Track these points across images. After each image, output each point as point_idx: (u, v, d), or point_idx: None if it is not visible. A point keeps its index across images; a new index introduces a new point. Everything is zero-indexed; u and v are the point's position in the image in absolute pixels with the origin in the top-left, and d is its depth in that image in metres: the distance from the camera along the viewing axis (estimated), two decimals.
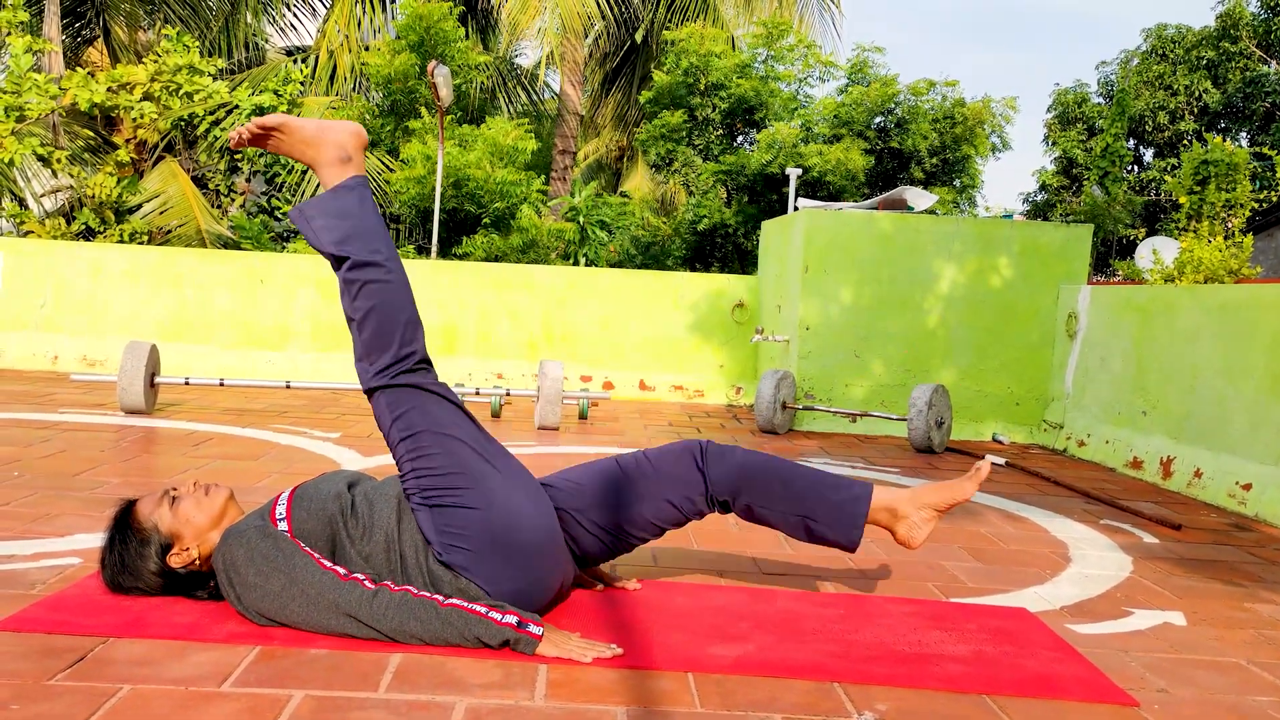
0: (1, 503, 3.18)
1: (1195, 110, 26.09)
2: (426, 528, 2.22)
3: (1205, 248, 8.24)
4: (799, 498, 2.45)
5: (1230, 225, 11.96)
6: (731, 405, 7.32)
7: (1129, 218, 20.38)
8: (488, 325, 7.49)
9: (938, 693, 2.05)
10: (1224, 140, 12.33)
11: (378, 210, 2.39)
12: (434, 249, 8.68)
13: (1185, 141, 25.31)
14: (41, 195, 10.98)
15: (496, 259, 9.99)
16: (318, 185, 10.98)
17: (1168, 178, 22.97)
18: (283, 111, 9.96)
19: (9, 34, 9.52)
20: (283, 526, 2.21)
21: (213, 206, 10.67)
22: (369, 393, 2.32)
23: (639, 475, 2.41)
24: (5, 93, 9.06)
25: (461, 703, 1.87)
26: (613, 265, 11.99)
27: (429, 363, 2.37)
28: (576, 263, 11.06)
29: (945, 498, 2.52)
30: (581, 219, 11.24)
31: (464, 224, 10.62)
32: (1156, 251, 9.55)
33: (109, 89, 9.43)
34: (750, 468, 2.45)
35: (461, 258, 10.06)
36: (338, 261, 2.31)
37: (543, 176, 11.86)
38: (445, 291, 7.47)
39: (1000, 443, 5.98)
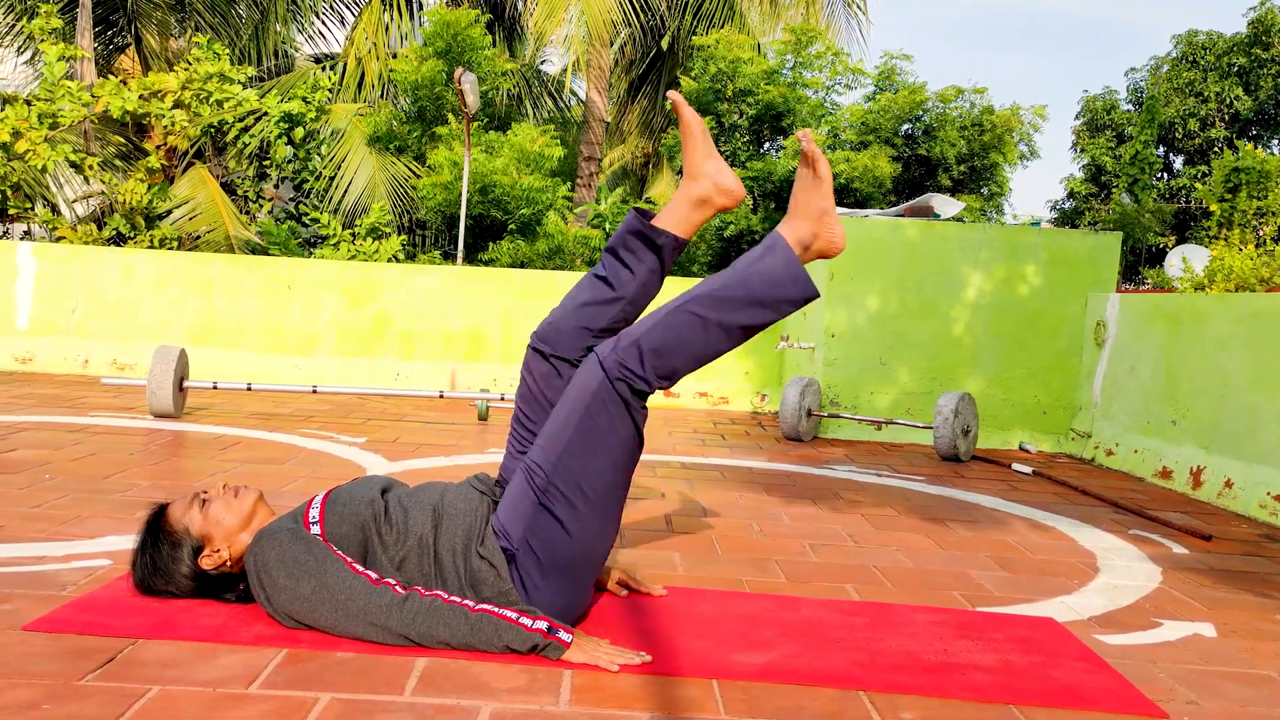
0: (33, 505, 3.22)
1: (1226, 117, 25.87)
2: (516, 518, 2.22)
3: (1236, 256, 8.15)
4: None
5: (1262, 233, 11.84)
6: (756, 412, 7.31)
7: (1158, 225, 20.23)
8: (513, 331, 7.52)
9: (964, 702, 2.04)
10: (1255, 147, 12.21)
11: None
12: (460, 255, 8.72)
13: (1216, 148, 25.08)
14: (73, 201, 11.10)
15: (522, 265, 10.02)
16: (346, 190, 11.05)
17: (1198, 185, 22.77)
18: (310, 118, 10.05)
19: (42, 42, 9.64)
20: (315, 530, 2.22)
21: (241, 213, 10.75)
22: (603, 378, 2.23)
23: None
24: (39, 100, 9.17)
25: (487, 707, 1.87)
26: None
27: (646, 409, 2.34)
28: None
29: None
30: (607, 225, 11.25)
31: (490, 230, 10.66)
32: (1186, 259, 9.46)
33: (141, 96, 9.53)
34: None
35: (487, 264, 10.10)
36: (777, 310, 2.30)
37: (568, 183, 11.88)
38: (471, 297, 7.49)
39: (1027, 451, 5.94)
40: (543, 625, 2.10)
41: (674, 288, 7.61)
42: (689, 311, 2.26)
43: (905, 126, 12.62)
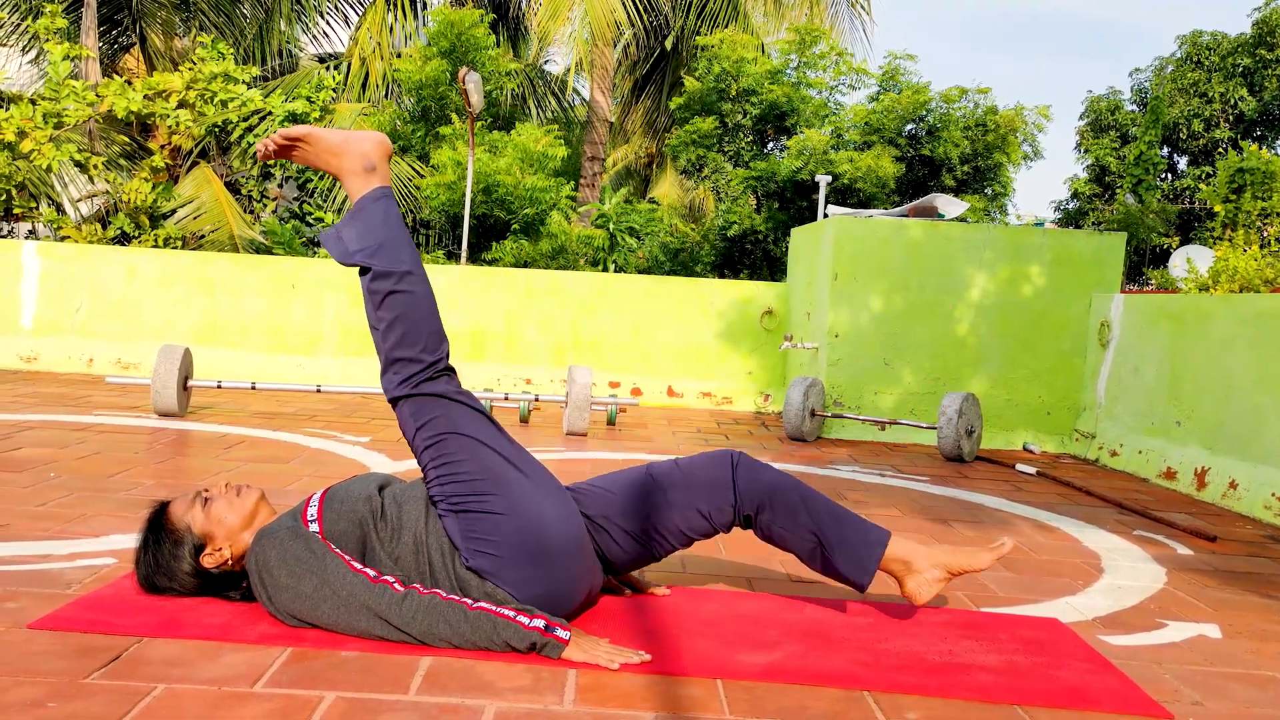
0: (38, 503, 3.23)
1: (1231, 118, 25.83)
2: (453, 533, 2.23)
3: (1240, 256, 8.15)
4: (821, 525, 2.44)
5: (1266, 234, 11.83)
6: (760, 412, 7.31)
7: (1163, 226, 20.20)
8: (516, 331, 7.52)
9: (969, 703, 2.04)
10: (1260, 148, 12.19)
11: (403, 221, 2.39)
12: (464, 254, 8.72)
13: (1220, 149, 25.05)
14: (78, 200, 11.12)
15: (525, 265, 10.03)
16: None
17: (1202, 186, 22.75)
18: (315, 118, 10.06)
19: (47, 41, 9.65)
20: (314, 528, 2.22)
21: (245, 212, 10.77)
22: (393, 402, 2.33)
23: (669, 483, 2.42)
24: (44, 99, 9.19)
25: (491, 706, 1.87)
26: (641, 272, 12.00)
27: (452, 371, 2.38)
28: (605, 269, 11.07)
29: (961, 563, 2.50)
30: (610, 225, 11.25)
31: (493, 230, 10.67)
32: (1191, 260, 9.46)
33: (145, 96, 9.54)
34: (780, 486, 2.45)
35: (491, 263, 10.11)
36: (362, 271, 2.32)
37: (572, 183, 11.88)
38: (474, 297, 7.50)
39: (1031, 452, 5.94)
40: (539, 624, 2.10)
41: (676, 286, 7.61)
42: (375, 307, 2.32)
43: (909, 127, 12.60)
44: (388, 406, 6.37)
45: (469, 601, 2.13)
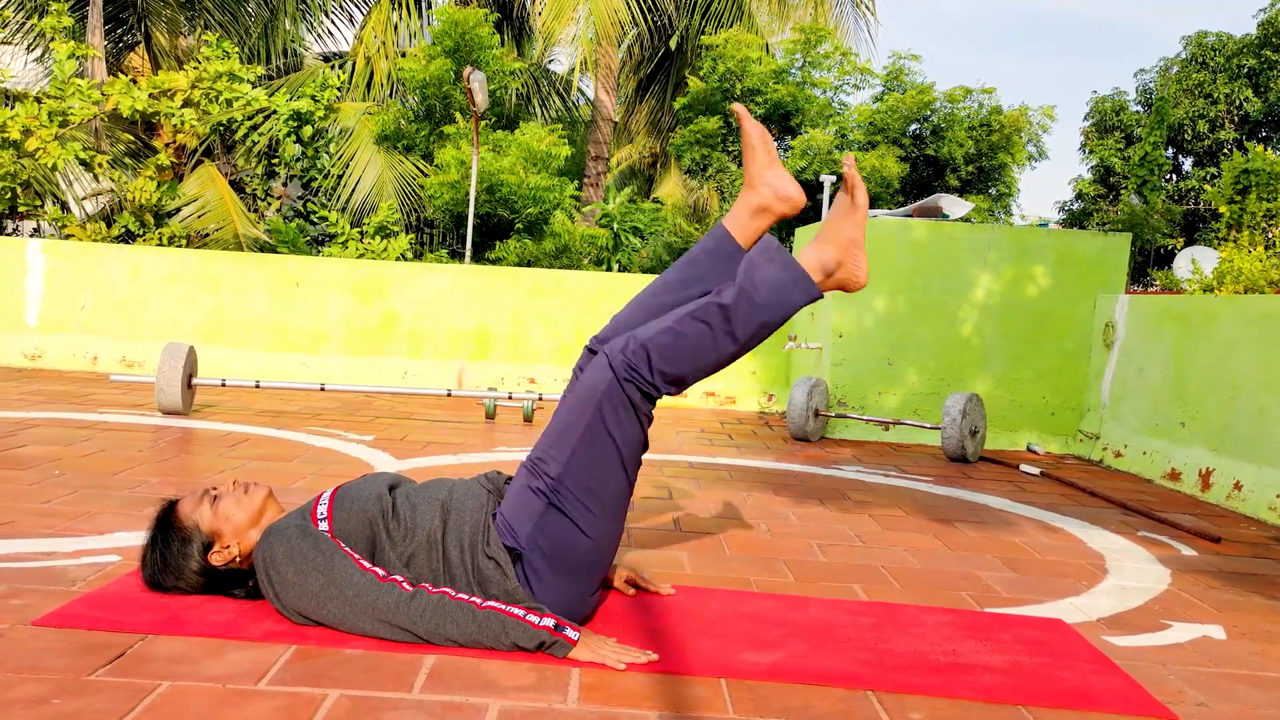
0: (43, 501, 3.23)
1: (1236, 119, 25.79)
2: (524, 513, 2.23)
3: (1245, 258, 8.13)
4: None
5: (1271, 235, 11.81)
6: (764, 412, 7.30)
7: (1167, 227, 20.17)
8: (521, 330, 7.52)
9: (973, 703, 2.04)
10: (1265, 149, 12.17)
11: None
12: (468, 253, 8.73)
13: (1225, 150, 25.01)
14: (83, 199, 11.14)
15: (529, 264, 10.03)
16: (355, 188, 11.07)
17: (1207, 187, 22.72)
18: (319, 117, 10.07)
19: (53, 40, 9.66)
20: (323, 526, 2.23)
21: (250, 211, 10.78)
22: (613, 370, 2.25)
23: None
24: (49, 97, 9.20)
25: (495, 705, 1.87)
26: (645, 271, 11.99)
27: (652, 417, 2.36)
28: (609, 268, 11.07)
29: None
30: (615, 225, 11.25)
31: (497, 229, 10.67)
32: (1195, 261, 9.44)
33: (150, 95, 9.55)
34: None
35: (494, 262, 10.11)
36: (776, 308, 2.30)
37: (576, 182, 11.89)
38: (479, 296, 7.50)
39: (1035, 453, 5.93)
40: (549, 623, 2.10)
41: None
42: (697, 319, 2.27)
43: (913, 127, 12.60)
44: (391, 405, 6.38)
45: (478, 601, 2.13)
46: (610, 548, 2.31)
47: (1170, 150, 26.61)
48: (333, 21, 15.98)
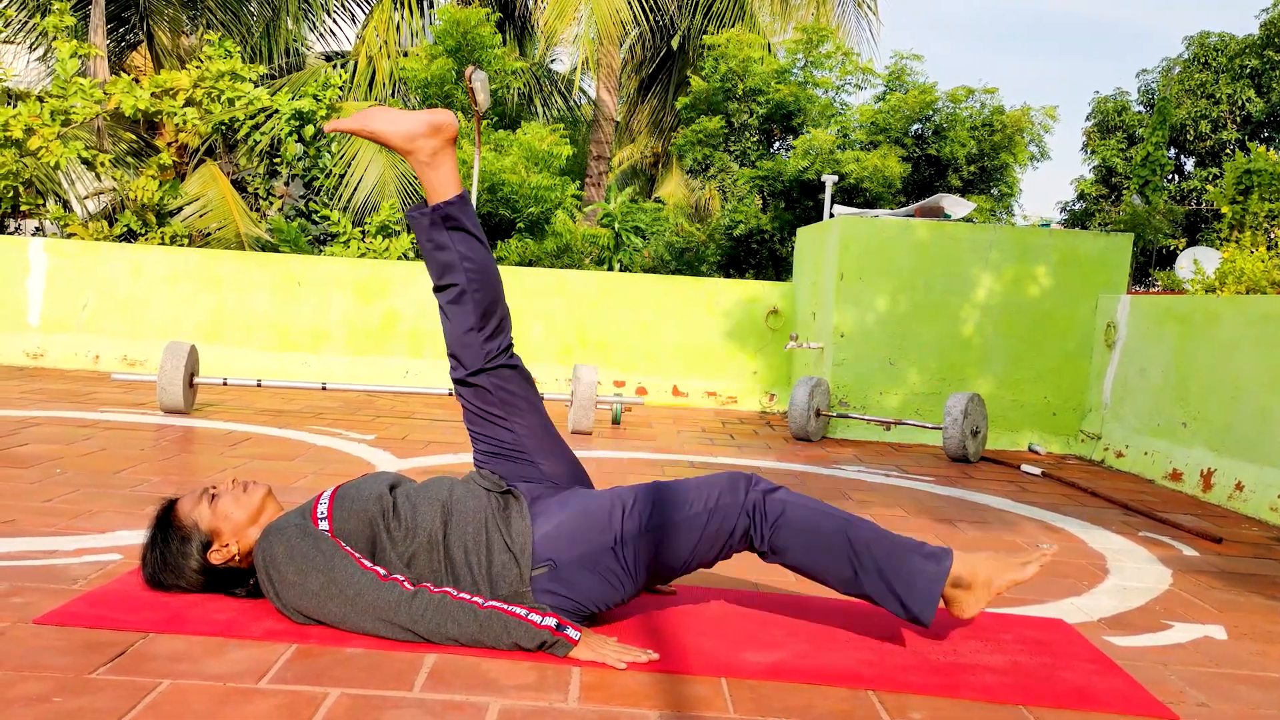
0: (44, 499, 3.23)
1: (1238, 119, 25.77)
2: (576, 543, 2.23)
3: (1248, 258, 8.13)
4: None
5: (1273, 235, 11.80)
6: (765, 412, 7.30)
7: (1169, 227, 20.15)
8: (522, 329, 7.52)
9: (974, 703, 2.04)
10: (1267, 149, 12.16)
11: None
12: None
13: (1228, 151, 24.99)
14: (85, 198, 11.14)
15: (530, 263, 10.03)
16: (357, 187, 11.08)
17: (1209, 187, 22.69)
18: (322, 116, 10.06)
19: (55, 39, 9.67)
20: (324, 526, 2.22)
21: (251, 210, 10.78)
22: (742, 508, 2.26)
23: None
24: (51, 96, 9.20)
25: (495, 704, 1.87)
26: (647, 271, 12.00)
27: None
28: (611, 268, 11.07)
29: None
30: (616, 224, 11.25)
31: (499, 228, 10.67)
32: (1198, 262, 9.43)
33: (152, 94, 9.55)
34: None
35: (496, 262, 10.09)
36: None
37: (577, 182, 11.89)
38: None
39: (1036, 453, 5.93)
40: (551, 622, 2.10)
41: (681, 286, 7.60)
42: (841, 533, 2.26)
43: (915, 126, 12.59)
44: (392, 404, 6.39)
45: (479, 601, 2.13)
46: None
47: (1172, 151, 26.59)
48: (335, 21, 16.00)
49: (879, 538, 2.29)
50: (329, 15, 15.68)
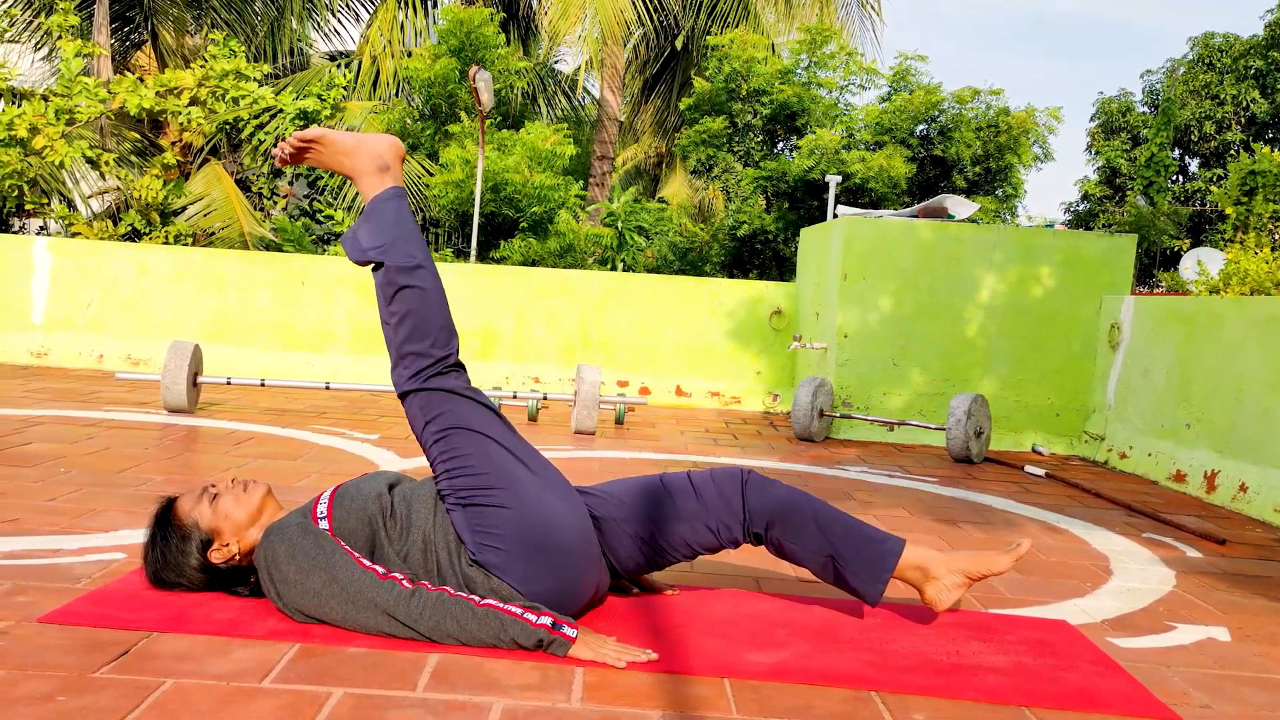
0: (48, 498, 3.24)
1: (1242, 120, 25.73)
2: (461, 527, 2.24)
3: (1252, 259, 8.11)
4: (832, 539, 2.40)
5: (1277, 236, 11.78)
6: (768, 412, 7.30)
7: (1173, 228, 20.13)
8: (525, 329, 7.52)
9: (977, 704, 2.03)
10: (1272, 150, 12.14)
11: (414, 220, 2.43)
12: (473, 253, 8.73)
13: (1232, 152, 24.94)
14: (89, 197, 11.16)
15: (534, 263, 10.03)
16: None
17: (1214, 188, 22.66)
18: (326, 116, 10.08)
19: (60, 38, 9.68)
20: (324, 525, 2.23)
21: (255, 209, 10.80)
22: (403, 396, 2.35)
23: (681, 495, 2.41)
24: (56, 96, 9.22)
25: (498, 704, 1.87)
26: (650, 271, 12.00)
27: (461, 367, 2.41)
28: (614, 268, 11.08)
29: (980, 567, 2.46)
30: (619, 224, 11.25)
31: (501, 228, 10.67)
32: (1201, 263, 9.41)
33: (157, 93, 9.57)
34: (790, 503, 2.42)
35: (499, 261, 10.11)
36: (375, 267, 2.35)
37: (581, 182, 11.88)
38: (483, 295, 7.50)
39: (1040, 454, 5.92)
40: (547, 621, 2.11)
41: (685, 286, 7.60)
42: (386, 302, 2.35)
43: (920, 127, 12.57)
44: (397, 404, 6.39)
45: (476, 599, 2.13)
46: (559, 514, 2.26)
47: (1176, 151, 26.54)
48: (339, 20, 16.02)
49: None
50: (333, 15, 15.71)
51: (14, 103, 10.20)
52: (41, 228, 11.90)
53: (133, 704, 1.77)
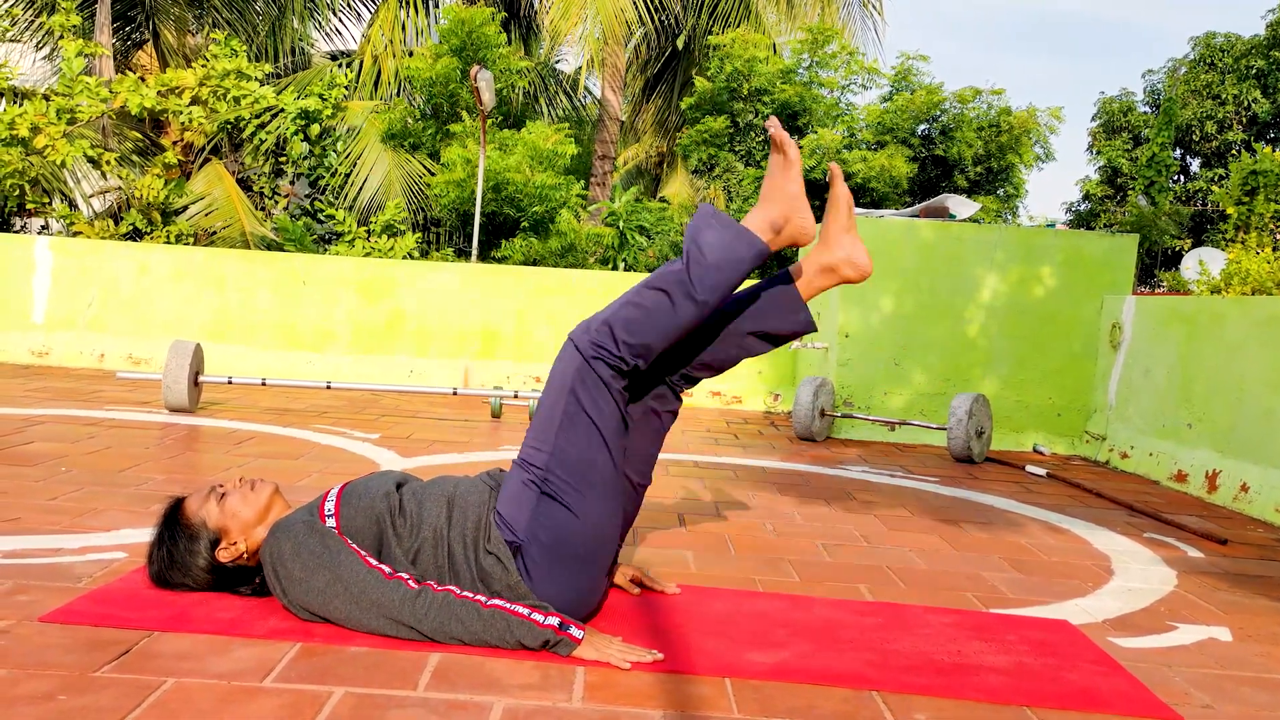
0: (49, 498, 3.24)
1: (1244, 120, 25.72)
2: (521, 505, 2.22)
3: (1253, 259, 8.11)
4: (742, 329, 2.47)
5: (1279, 236, 11.78)
6: (769, 412, 7.30)
7: (1175, 228, 20.12)
8: (526, 328, 7.52)
9: (978, 704, 2.03)
10: (1273, 150, 12.13)
11: (742, 277, 2.35)
12: (474, 252, 8.73)
13: (1233, 151, 24.94)
14: (90, 196, 11.15)
15: (535, 263, 10.03)
16: (362, 187, 11.09)
17: (1215, 188, 22.65)
18: (327, 115, 10.08)
19: (61, 37, 9.69)
20: (330, 523, 2.23)
21: (257, 209, 10.79)
22: (575, 347, 2.29)
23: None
24: (57, 95, 9.22)
25: (500, 703, 1.87)
26: (651, 270, 11.99)
27: (631, 381, 2.35)
28: (615, 268, 11.07)
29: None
30: (621, 224, 11.25)
31: (503, 227, 10.67)
32: (1203, 262, 9.41)
33: (158, 93, 9.57)
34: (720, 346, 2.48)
35: (500, 261, 10.11)
36: (685, 260, 2.32)
37: (582, 181, 11.88)
38: (485, 295, 7.51)
39: (1041, 454, 5.92)
40: (554, 621, 2.10)
41: None
42: (654, 288, 2.31)
43: (922, 127, 12.58)
44: (397, 403, 6.39)
45: (483, 599, 2.13)
46: (608, 533, 2.28)
47: (1178, 151, 26.55)
48: (340, 20, 16.01)
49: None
50: (334, 14, 15.70)
51: (15, 102, 10.21)
52: (43, 227, 11.90)
53: (134, 703, 1.77)
